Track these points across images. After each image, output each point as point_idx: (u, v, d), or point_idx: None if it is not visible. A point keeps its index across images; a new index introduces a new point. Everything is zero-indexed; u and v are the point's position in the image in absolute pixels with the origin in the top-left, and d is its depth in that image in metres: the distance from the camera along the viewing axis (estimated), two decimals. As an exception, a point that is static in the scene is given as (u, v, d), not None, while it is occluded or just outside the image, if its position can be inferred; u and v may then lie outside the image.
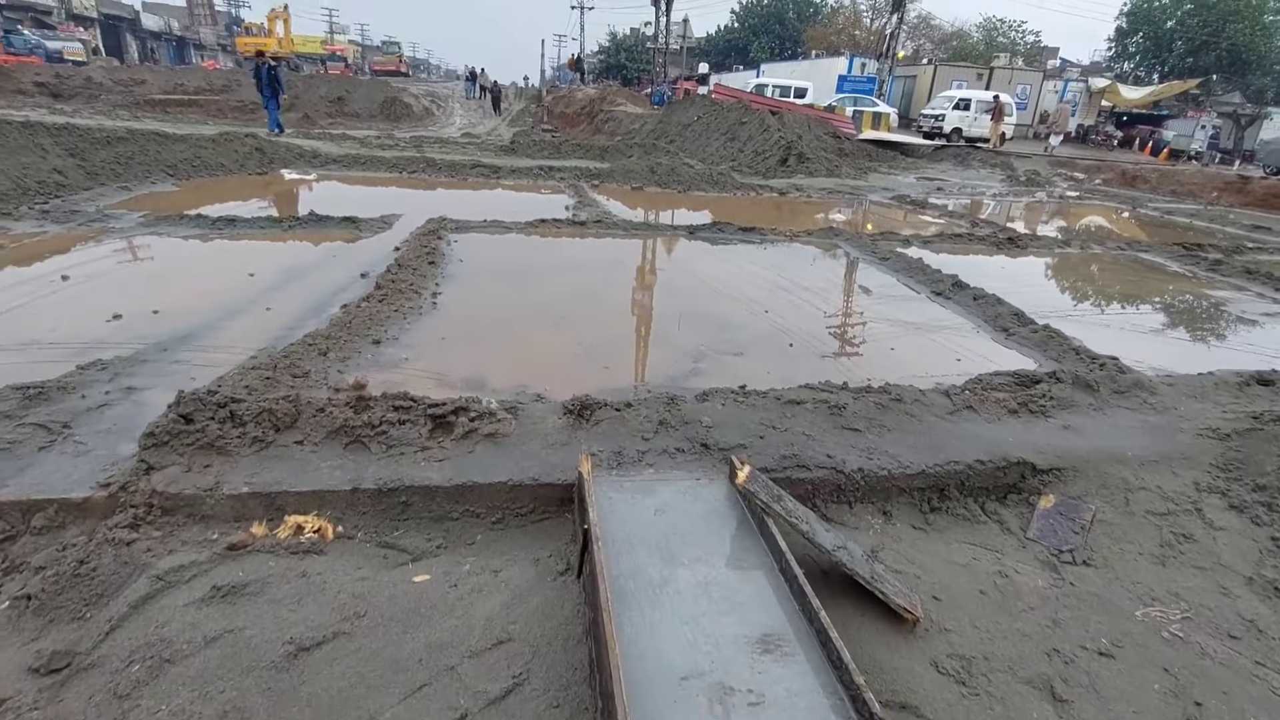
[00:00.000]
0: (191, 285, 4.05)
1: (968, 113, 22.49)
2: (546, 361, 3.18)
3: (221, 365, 2.87)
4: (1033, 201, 11.62)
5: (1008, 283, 5.32)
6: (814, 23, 52.66)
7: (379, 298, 3.70)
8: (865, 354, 3.57)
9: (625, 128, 17.86)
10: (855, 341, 3.75)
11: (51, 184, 6.44)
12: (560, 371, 3.07)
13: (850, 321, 4.13)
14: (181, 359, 2.97)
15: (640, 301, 4.32)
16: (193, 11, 53.73)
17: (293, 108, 22.93)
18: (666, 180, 9.58)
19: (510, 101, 31.00)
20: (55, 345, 3.06)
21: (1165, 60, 39.79)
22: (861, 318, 4.23)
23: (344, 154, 10.36)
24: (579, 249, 5.73)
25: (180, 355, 3.01)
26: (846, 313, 4.28)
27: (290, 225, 5.61)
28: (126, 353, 2.98)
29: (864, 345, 3.68)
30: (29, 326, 3.29)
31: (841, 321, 4.08)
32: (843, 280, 5.13)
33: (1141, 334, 4.36)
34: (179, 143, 8.38)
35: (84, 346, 3.04)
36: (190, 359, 2.97)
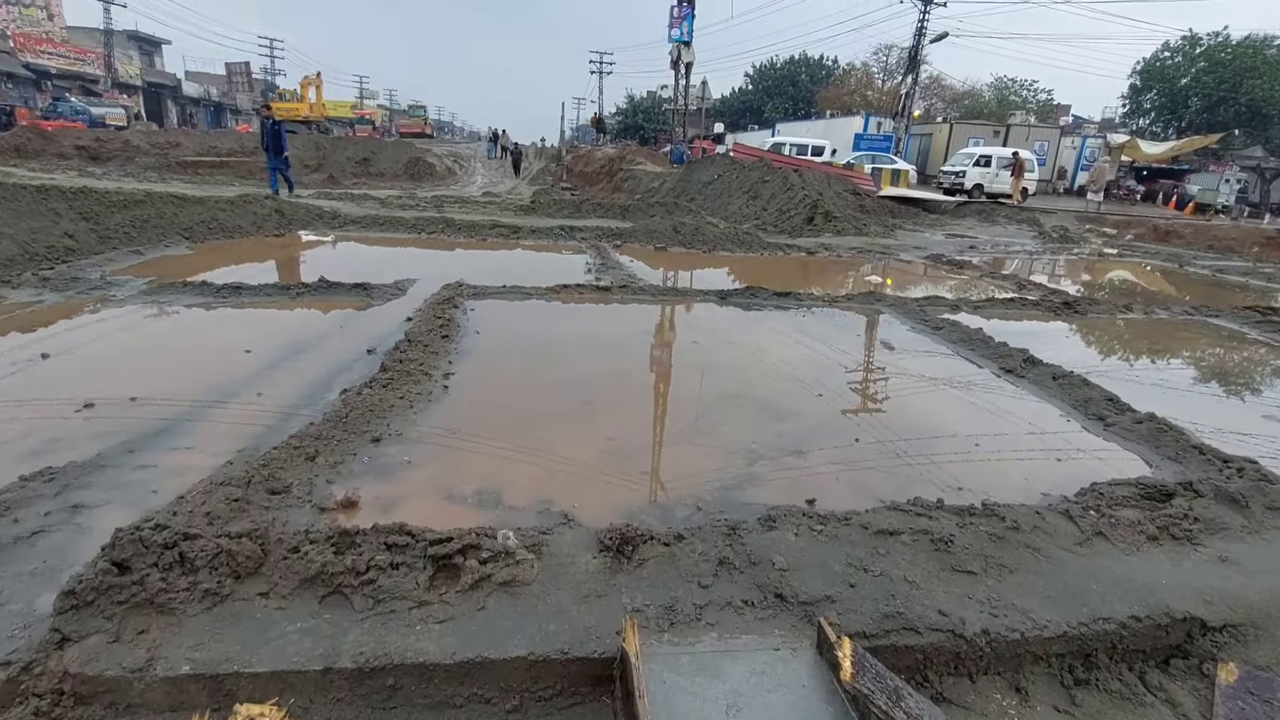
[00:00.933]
0: (180, 364, 3.67)
1: (988, 169, 22.37)
2: (573, 464, 2.69)
3: (192, 471, 2.42)
4: (1072, 259, 11.16)
5: (1079, 355, 4.81)
6: (826, 84, 53.98)
7: (384, 382, 3.27)
8: (944, 451, 3.04)
9: (645, 186, 17.86)
10: (929, 434, 3.23)
11: (61, 249, 6.23)
12: (589, 478, 2.59)
13: (917, 408, 3.61)
14: (148, 463, 2.53)
15: (675, 382, 3.85)
16: (231, 79, 56.51)
17: (319, 168, 23.48)
18: (691, 240, 9.28)
19: (530, 161, 31.63)
20: (3, 444, 2.64)
21: (1182, 116, 39.89)
22: (929, 402, 3.72)
23: (364, 214, 10.24)
24: (604, 318, 5.33)
25: (148, 458, 2.58)
26: (910, 395, 3.77)
27: (299, 293, 5.29)
28: (86, 454, 2.55)
29: (940, 440, 3.16)
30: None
31: (906, 409, 3.56)
32: (896, 354, 4.63)
33: (1256, 422, 3.79)
34: (197, 205, 8.26)
35: (39, 446, 2.63)
36: (158, 463, 2.54)
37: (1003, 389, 3.92)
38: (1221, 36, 36.71)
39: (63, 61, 38.60)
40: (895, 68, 49.33)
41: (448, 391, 3.36)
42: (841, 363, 4.39)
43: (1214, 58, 36.69)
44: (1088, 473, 2.85)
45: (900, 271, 8.65)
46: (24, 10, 37.17)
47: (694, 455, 2.83)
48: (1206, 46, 36.99)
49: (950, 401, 3.69)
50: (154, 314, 4.62)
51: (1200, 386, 4.50)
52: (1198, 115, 37.86)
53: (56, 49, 38.55)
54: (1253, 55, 35.24)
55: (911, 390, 3.84)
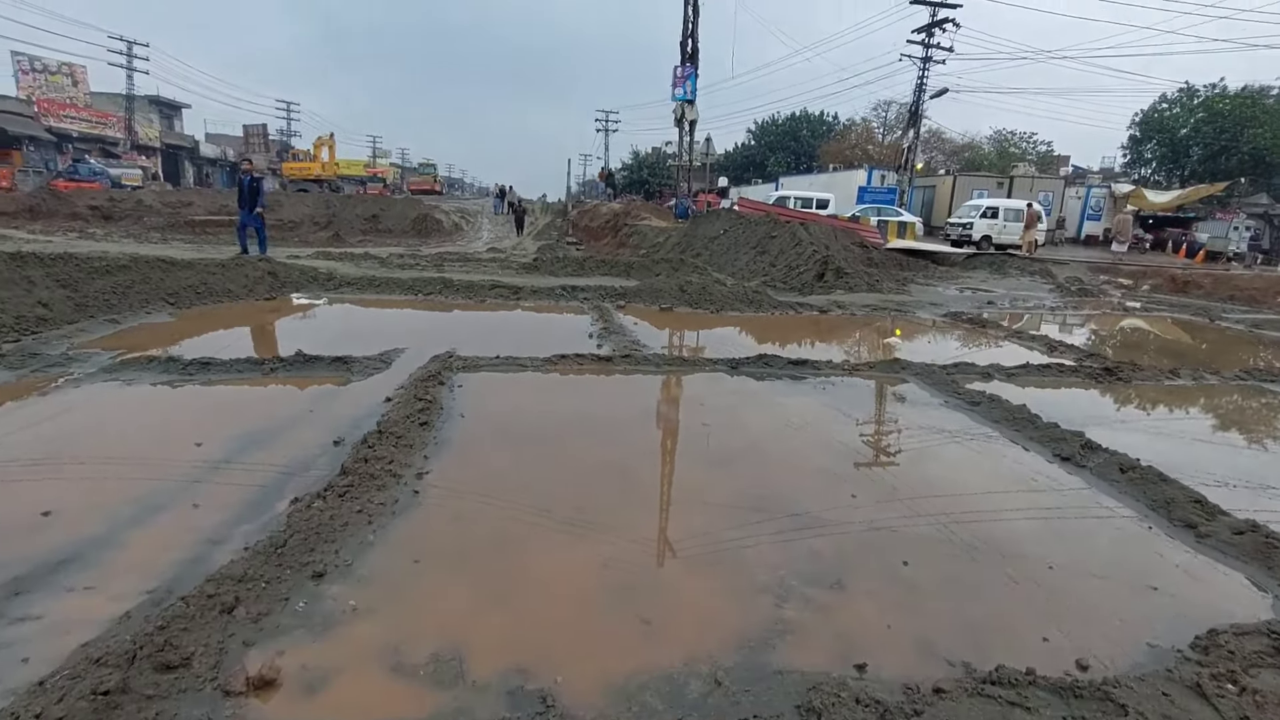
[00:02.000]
0: (117, 462, 3.20)
1: (996, 220, 22.21)
2: (560, 608, 2.17)
3: (82, 626, 1.93)
4: (1096, 315, 10.69)
5: (1139, 436, 4.28)
6: (828, 139, 55.06)
7: (341, 489, 2.79)
8: (1011, 576, 2.50)
9: (650, 241, 17.71)
10: (988, 552, 2.70)
11: (31, 319, 5.87)
12: (579, 631, 2.06)
13: (968, 514, 3.08)
14: (34, 612, 2.04)
15: (684, 482, 3.35)
16: (248, 140, 58.25)
17: (328, 225, 23.64)
18: (698, 300, 8.90)
19: (536, 216, 31.89)
20: None
21: (1184, 165, 40.18)
22: (981, 508, 3.19)
23: (361, 275, 9.96)
24: (604, 395, 4.86)
25: (37, 603, 2.08)
26: (957, 497, 3.24)
27: (273, 368, 4.86)
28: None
29: (1004, 562, 2.62)
30: None
31: (956, 516, 3.03)
32: (929, 438, 4.12)
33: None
34: (186, 269, 7.98)
35: (-96, 589, 2.14)
36: (46, 613, 2.04)
37: (1064, 486, 3.39)
38: (1218, 88, 37.27)
39: (84, 125, 39.84)
40: (895, 122, 50.36)
41: (417, 499, 2.86)
42: (871, 451, 3.89)
43: (1212, 108, 37.16)
44: (1196, 609, 2.30)
45: (920, 332, 8.19)
46: (50, 78, 38.61)
47: (710, 592, 2.30)
48: (1204, 98, 37.53)
49: (1006, 506, 3.15)
50: (106, 398, 4.19)
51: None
52: (1200, 164, 38.11)
53: (80, 113, 39.86)
54: (1251, 105, 35.67)
55: (957, 490, 3.31)
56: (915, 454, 3.80)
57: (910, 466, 3.58)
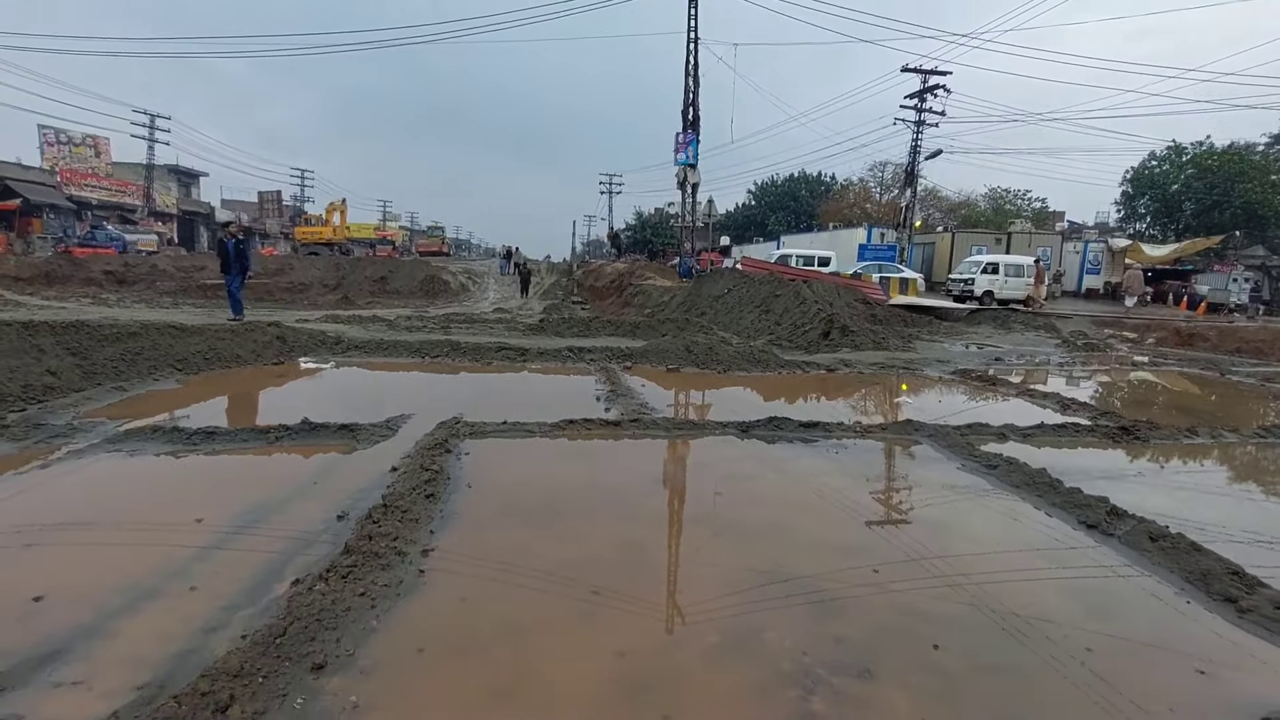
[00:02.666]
0: (114, 541, 3.12)
1: (997, 276, 22.45)
2: (572, 707, 2.05)
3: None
4: (1105, 370, 10.63)
5: (1164, 500, 4.15)
6: (826, 198, 56.46)
7: (344, 570, 2.69)
8: (1050, 661, 2.36)
9: (655, 300, 17.90)
10: (1022, 632, 2.56)
11: (39, 388, 5.87)
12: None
13: (996, 589, 2.95)
14: (13, 712, 1.93)
15: (699, 558, 3.23)
16: (263, 206, 60.06)
17: (337, 288, 24.04)
18: (704, 360, 8.89)
19: (542, 276, 32.41)
20: None
21: (1177, 219, 40.87)
22: (1010, 583, 3.05)
23: (369, 338, 10.03)
24: (613, 462, 4.78)
25: (18, 701, 1.97)
26: (983, 571, 3.11)
27: (278, 436, 4.81)
28: (-64, 701, 1.95)
29: (1040, 643, 2.48)
30: None
31: (983, 591, 2.90)
32: (949, 505, 4.00)
33: None
34: (194, 335, 8.04)
35: (-117, 687, 2.03)
36: (26, 713, 1.93)
37: (1093, 557, 3.26)
38: (1205, 145, 38.30)
39: (104, 193, 41.20)
40: (891, 181, 51.72)
41: (423, 580, 2.75)
42: (889, 520, 3.77)
43: (1201, 165, 38.09)
44: (1247, 694, 2.16)
45: (930, 390, 8.13)
46: (74, 149, 40.19)
47: (734, 684, 2.17)
48: (1192, 155, 38.52)
49: (1035, 580, 3.02)
50: (107, 470, 4.13)
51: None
52: (1193, 218, 38.78)
53: (100, 182, 41.28)
54: (1239, 161, 36.58)
55: (983, 563, 3.18)
56: (935, 523, 3.68)
57: (931, 537, 3.46)
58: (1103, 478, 4.53)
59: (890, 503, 4.05)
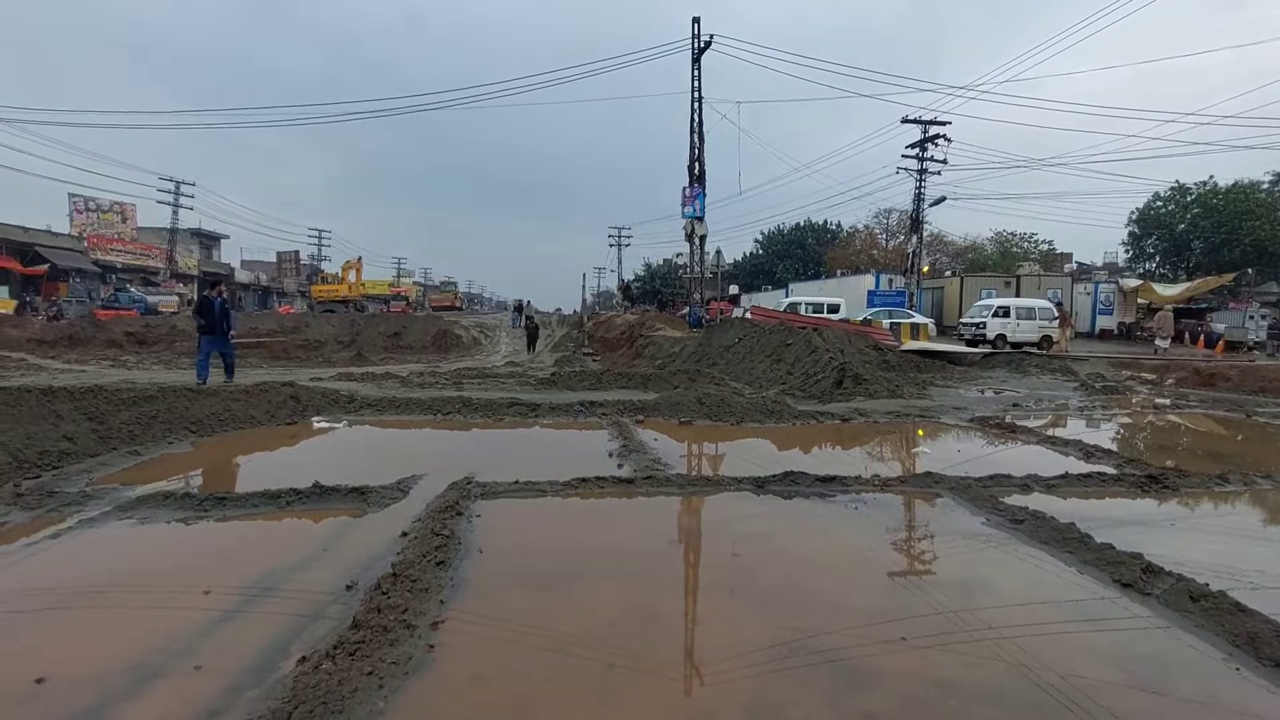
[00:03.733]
0: (121, 616, 3.06)
1: (1009, 319, 22.39)
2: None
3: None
4: (1127, 414, 10.42)
5: (1201, 555, 3.99)
6: (832, 245, 57.11)
7: (351, 646, 2.61)
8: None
9: (665, 351, 17.95)
10: (1064, 708, 2.42)
11: (55, 453, 5.91)
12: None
13: (1030, 656, 2.81)
14: (7, 810, 1.85)
15: (717, 626, 3.12)
16: (280, 266, 61.65)
17: (351, 344, 24.35)
18: (717, 412, 8.83)
19: (552, 329, 32.73)
20: None
21: (1186, 258, 40.84)
22: (1045, 649, 2.91)
23: (381, 396, 10.08)
24: (627, 521, 4.69)
25: (11, 798, 1.89)
26: (1015, 637, 2.97)
27: (289, 501, 4.78)
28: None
29: (1084, 718, 2.34)
30: None
31: (1017, 659, 2.76)
32: (976, 565, 3.86)
33: None
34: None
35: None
36: (20, 811, 1.85)
37: (1133, 620, 3.10)
38: (1209, 185, 38.59)
39: (129, 257, 42.53)
40: (896, 228, 52.31)
41: (432, 656, 2.66)
42: (913, 580, 3.64)
43: (1206, 204, 38.31)
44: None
45: (948, 440, 7.98)
46: (102, 216, 41.73)
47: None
48: (1197, 194, 38.78)
49: (1072, 646, 2.87)
50: (118, 540, 4.10)
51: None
52: (1203, 256, 38.74)
53: (126, 246, 42.66)
54: (1245, 199, 36.76)
55: (1014, 628, 3.04)
56: (962, 584, 3.54)
57: (960, 600, 3.32)
58: (1134, 530, 4.38)
59: (913, 562, 3.92)
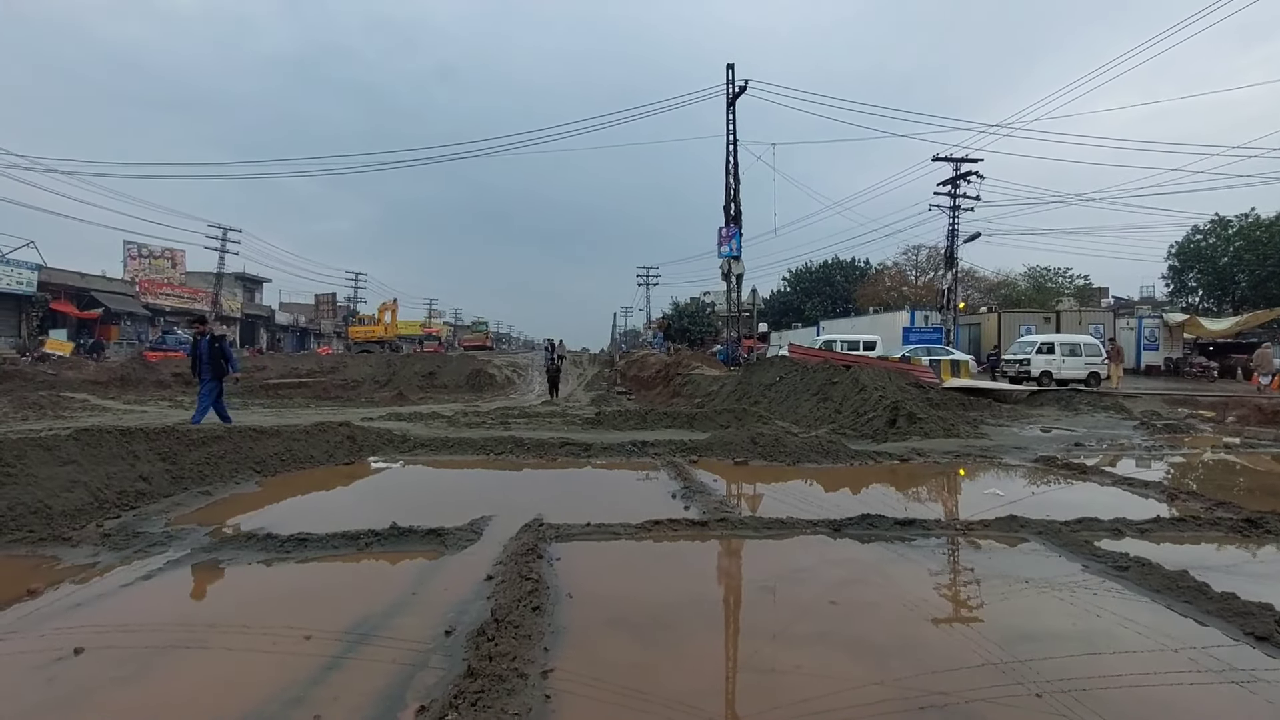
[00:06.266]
0: (226, 663, 3.05)
1: (1053, 355, 21.91)
2: None
3: None
4: (1198, 454, 10.01)
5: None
6: (861, 282, 56.89)
7: (472, 696, 2.55)
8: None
9: (704, 390, 17.87)
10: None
11: (132, 494, 6.05)
12: None
13: (1168, 714, 2.64)
14: None
15: (827, 684, 3.00)
16: (318, 307, 63.40)
17: (388, 383, 24.73)
18: (771, 452, 8.70)
19: (584, 367, 32.86)
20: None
21: (1230, 291, 39.78)
22: (1181, 704, 2.73)
23: (433, 436, 10.17)
24: (709, 567, 4.60)
25: None
26: (1148, 696, 2.79)
27: (367, 543, 4.78)
28: None
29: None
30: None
31: (1167, 715, 2.59)
32: (1090, 615, 3.68)
33: None
34: (272, 437, 8.26)
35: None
36: None
37: (1276, 675, 2.91)
38: (1251, 217, 37.78)
39: (177, 300, 44.14)
40: (926, 264, 51.99)
41: (550, 707, 2.59)
42: (1026, 629, 3.47)
43: (1249, 236, 37.46)
44: None
45: (1019, 481, 7.73)
46: (153, 261, 43.55)
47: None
48: (1239, 227, 37.96)
49: (1223, 704, 2.69)
50: (209, 582, 4.13)
51: None
52: (1250, 290, 37.69)
53: (175, 291, 44.34)
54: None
55: (1152, 682, 2.86)
56: (1080, 636, 3.36)
57: (1081, 652, 3.15)
58: (1248, 578, 4.14)
59: (1020, 612, 3.74)
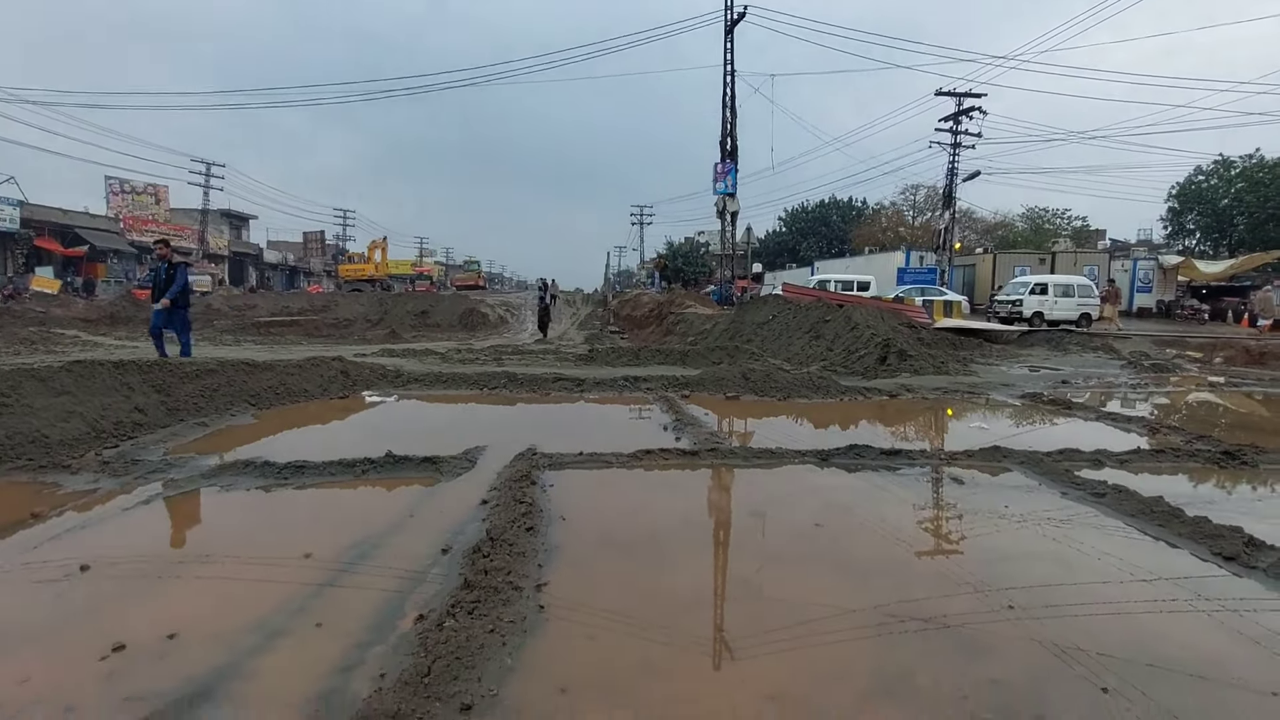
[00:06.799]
0: (232, 578, 3.14)
1: (1046, 296, 21.93)
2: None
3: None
4: (1183, 392, 10.19)
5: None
6: (858, 222, 56.12)
7: (468, 606, 2.65)
8: (1238, 702, 2.19)
9: (697, 329, 17.88)
10: (1193, 679, 2.38)
11: (129, 424, 6.07)
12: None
13: (1148, 628, 2.77)
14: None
15: (820, 598, 3.12)
16: (307, 246, 62.27)
17: (381, 322, 24.58)
18: (763, 388, 8.78)
19: (577, 307, 32.72)
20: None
21: (1229, 234, 39.54)
22: (1166, 627, 2.87)
23: (426, 371, 10.19)
24: (699, 493, 4.71)
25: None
26: (1132, 611, 2.93)
27: (364, 470, 4.86)
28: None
29: (1216, 689, 2.30)
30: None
31: (1135, 631, 2.73)
32: (1066, 538, 3.81)
33: None
34: (265, 371, 8.25)
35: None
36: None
37: (1240, 592, 3.05)
38: (1255, 158, 37.16)
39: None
40: (924, 204, 51.24)
41: (544, 616, 2.70)
42: (1006, 551, 3.60)
43: (1252, 178, 36.95)
44: None
45: (1005, 416, 7.87)
46: (136, 197, 42.36)
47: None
48: (1242, 168, 37.40)
49: (1189, 617, 2.83)
50: (210, 505, 4.21)
51: None
52: (1247, 233, 37.46)
53: (160, 228, 43.31)
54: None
55: (1124, 600, 3.00)
56: (1056, 557, 3.49)
57: (1056, 570, 3.28)
58: (1222, 505, 4.29)
59: (998, 534, 3.87)
